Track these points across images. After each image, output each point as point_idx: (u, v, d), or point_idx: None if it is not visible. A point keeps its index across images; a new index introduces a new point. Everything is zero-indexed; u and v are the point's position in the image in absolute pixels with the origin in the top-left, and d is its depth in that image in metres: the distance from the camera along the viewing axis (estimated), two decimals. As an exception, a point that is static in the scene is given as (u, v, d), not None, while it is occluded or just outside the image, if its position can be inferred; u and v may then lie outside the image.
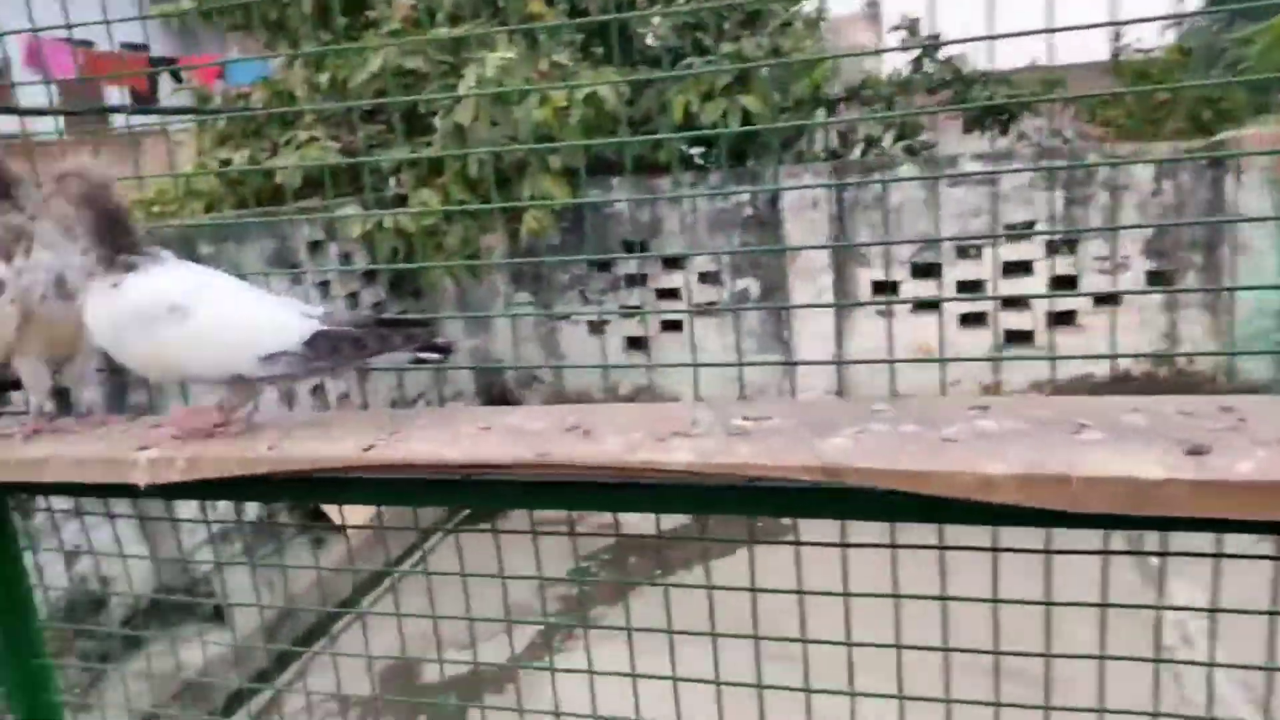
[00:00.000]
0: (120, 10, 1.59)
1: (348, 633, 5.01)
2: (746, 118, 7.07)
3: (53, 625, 1.68)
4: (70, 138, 8.32)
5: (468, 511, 5.58)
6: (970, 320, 6.94)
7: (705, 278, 7.29)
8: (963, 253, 6.77)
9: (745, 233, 7.06)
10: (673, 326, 7.45)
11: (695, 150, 7.73)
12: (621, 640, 1.39)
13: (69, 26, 1.60)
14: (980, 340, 6.85)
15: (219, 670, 4.43)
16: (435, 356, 1.37)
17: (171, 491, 1.30)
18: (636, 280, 7.50)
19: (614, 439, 1.08)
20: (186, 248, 5.30)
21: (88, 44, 7.59)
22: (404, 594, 4.96)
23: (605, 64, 6.46)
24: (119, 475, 1.30)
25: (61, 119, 6.39)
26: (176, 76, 8.17)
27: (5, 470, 1.35)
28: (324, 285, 6.44)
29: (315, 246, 6.38)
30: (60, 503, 2.22)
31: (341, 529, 4.94)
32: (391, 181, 6.79)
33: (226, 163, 6.30)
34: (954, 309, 6.82)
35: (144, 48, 9.76)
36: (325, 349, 1.32)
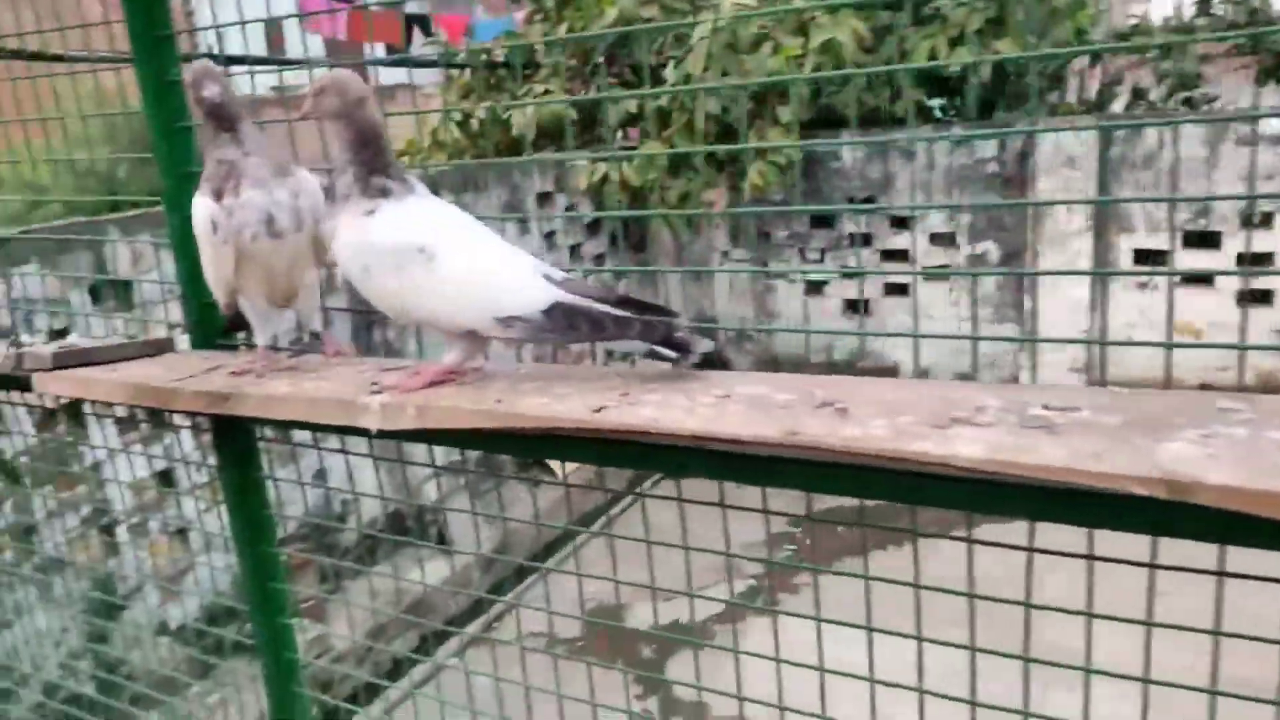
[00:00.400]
0: None
1: (554, 575, 5.15)
2: (997, 67, 6.47)
3: (285, 553, 1.74)
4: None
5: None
6: (1251, 298, 6.06)
7: (937, 239, 6.81)
8: (1247, 221, 5.89)
9: (988, 191, 6.50)
10: (896, 290, 7.04)
11: (935, 102, 7.18)
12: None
13: None
14: (1262, 321, 5.98)
15: (438, 595, 4.70)
16: (671, 354, 1.24)
17: (401, 436, 1.27)
18: (860, 240, 7.13)
19: (878, 422, 0.92)
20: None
21: (350, 2, 8.12)
22: (598, 548, 5.05)
23: (843, 8, 6.07)
24: (351, 418, 1.29)
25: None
26: (426, 31, 8.57)
27: (246, 405, 1.38)
28: (550, 236, 6.60)
29: (545, 198, 6.53)
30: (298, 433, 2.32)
31: (563, 483, 5.05)
32: (618, 135, 6.80)
33: (468, 115, 6.53)
34: (1230, 284, 5.97)
35: (398, 3, 10.34)
36: (561, 322, 1.24)
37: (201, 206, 1.44)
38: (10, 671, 3.37)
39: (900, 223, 6.74)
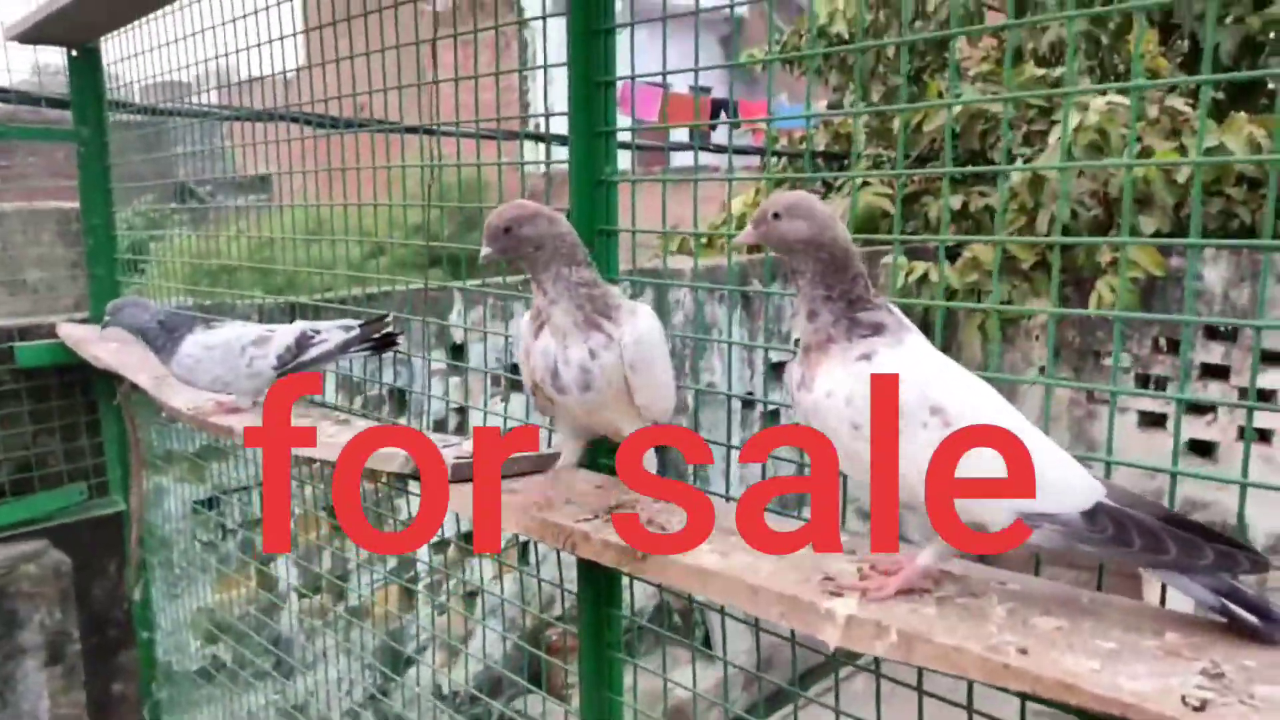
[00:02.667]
0: (704, 55, 1.44)
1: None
2: None
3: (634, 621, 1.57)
4: (641, 170, 9.32)
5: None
6: None
7: (1321, 384, 5.72)
8: None
9: (1395, 333, 5.38)
10: (1261, 438, 5.97)
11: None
12: None
13: (662, 74, 1.51)
14: None
15: (704, 700, 4.40)
16: (1251, 619, 0.91)
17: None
18: (1216, 371, 6.15)
19: None
20: (739, 283, 5.44)
21: (665, 86, 8.39)
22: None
23: (1235, 110, 5.34)
24: (805, 622, 1.03)
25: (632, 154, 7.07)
26: (731, 115, 8.66)
27: (666, 573, 1.18)
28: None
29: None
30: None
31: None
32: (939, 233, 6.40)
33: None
34: None
35: (707, 90, 10.63)
36: (1107, 530, 0.94)
37: (524, 326, 1.36)
38: (298, 716, 3.47)
39: (1275, 359, 5.74)
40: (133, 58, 2.99)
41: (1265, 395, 5.97)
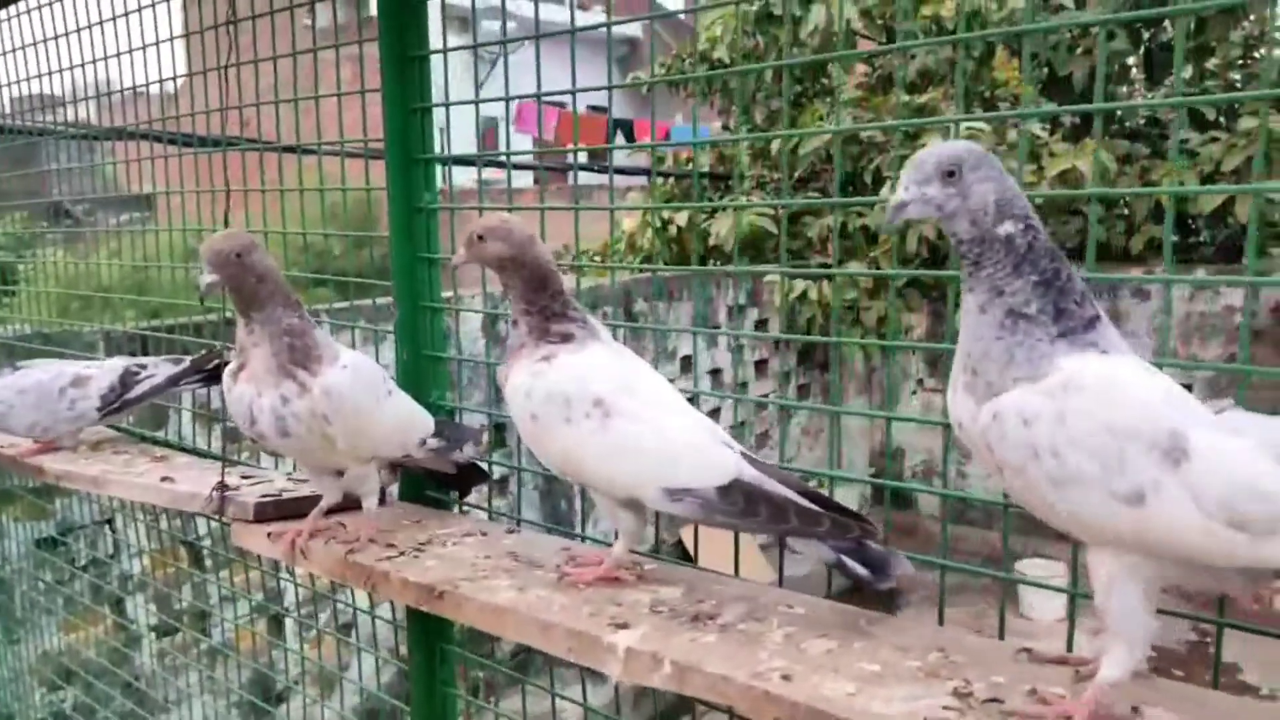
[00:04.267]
0: (593, 76, 1.46)
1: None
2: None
3: (466, 655, 1.56)
4: (535, 187, 9.29)
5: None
6: None
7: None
8: None
9: (1230, 345, 5.76)
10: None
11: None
12: None
13: (545, 94, 1.45)
14: None
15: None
16: (862, 571, 1.05)
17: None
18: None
19: None
20: (623, 302, 5.46)
21: (560, 105, 8.39)
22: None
23: (1082, 138, 5.65)
24: (591, 657, 1.03)
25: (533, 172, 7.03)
26: (629, 136, 8.72)
27: (463, 611, 1.16)
28: (739, 350, 6.37)
29: (739, 310, 6.33)
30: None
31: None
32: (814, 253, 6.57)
33: (667, 222, 6.47)
34: None
35: (604, 109, 10.72)
36: (739, 503, 1.05)
37: (225, 373, 1.36)
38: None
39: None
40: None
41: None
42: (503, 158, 1.79)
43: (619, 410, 1.10)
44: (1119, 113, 6.10)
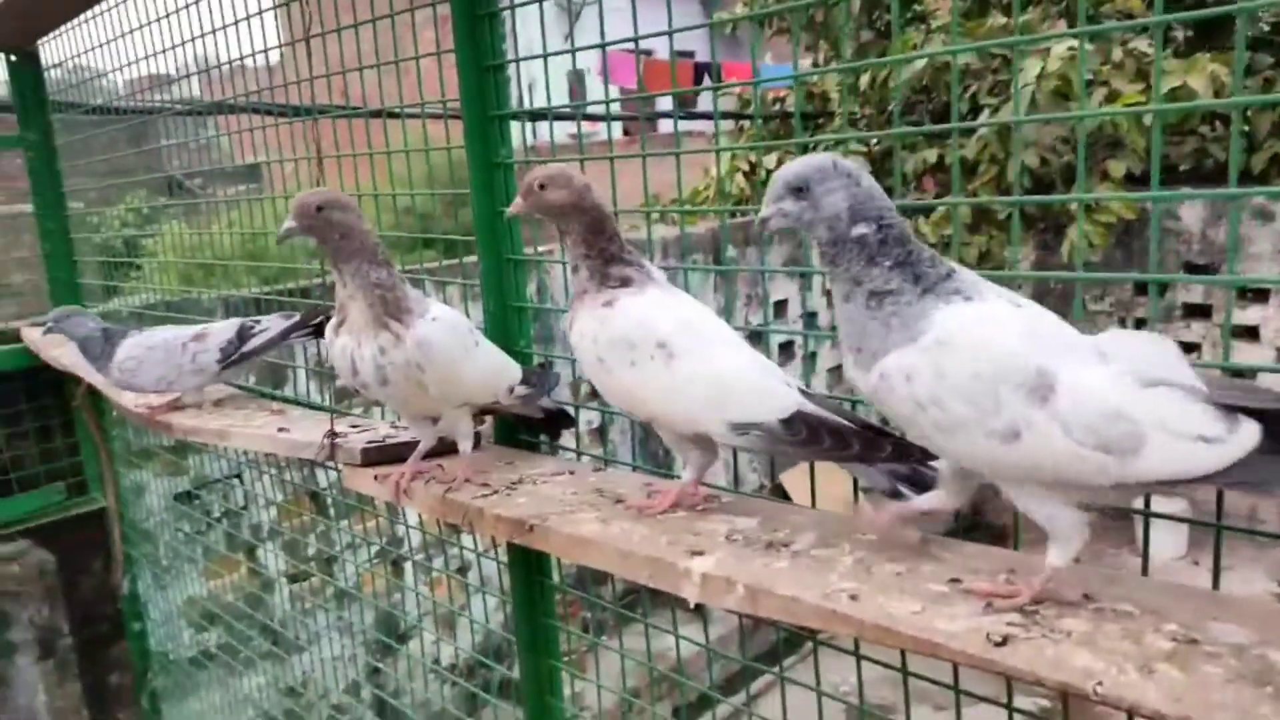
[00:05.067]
0: (682, 18, 1.43)
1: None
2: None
3: (565, 589, 1.74)
4: (626, 139, 9.29)
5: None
6: None
7: (1301, 317, 5.72)
8: None
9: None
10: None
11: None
12: None
13: (634, 39, 1.43)
14: None
15: (693, 665, 4.48)
16: (911, 494, 1.09)
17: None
18: (1198, 311, 6.16)
19: None
20: (711, 249, 5.46)
21: (647, 53, 8.33)
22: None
23: (1197, 50, 5.28)
24: (668, 582, 1.08)
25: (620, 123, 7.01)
26: (716, 79, 8.59)
27: (549, 541, 1.24)
28: (829, 293, 6.28)
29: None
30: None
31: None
32: (911, 187, 6.37)
33: (754, 166, 6.39)
34: None
35: (690, 54, 10.55)
36: (802, 434, 1.10)
37: (328, 327, 1.44)
38: (299, 695, 3.56)
39: (1258, 295, 5.74)
40: (91, 51, 2.90)
41: (1249, 332, 5.98)
42: (578, 110, 1.81)
43: (682, 350, 1.14)
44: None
